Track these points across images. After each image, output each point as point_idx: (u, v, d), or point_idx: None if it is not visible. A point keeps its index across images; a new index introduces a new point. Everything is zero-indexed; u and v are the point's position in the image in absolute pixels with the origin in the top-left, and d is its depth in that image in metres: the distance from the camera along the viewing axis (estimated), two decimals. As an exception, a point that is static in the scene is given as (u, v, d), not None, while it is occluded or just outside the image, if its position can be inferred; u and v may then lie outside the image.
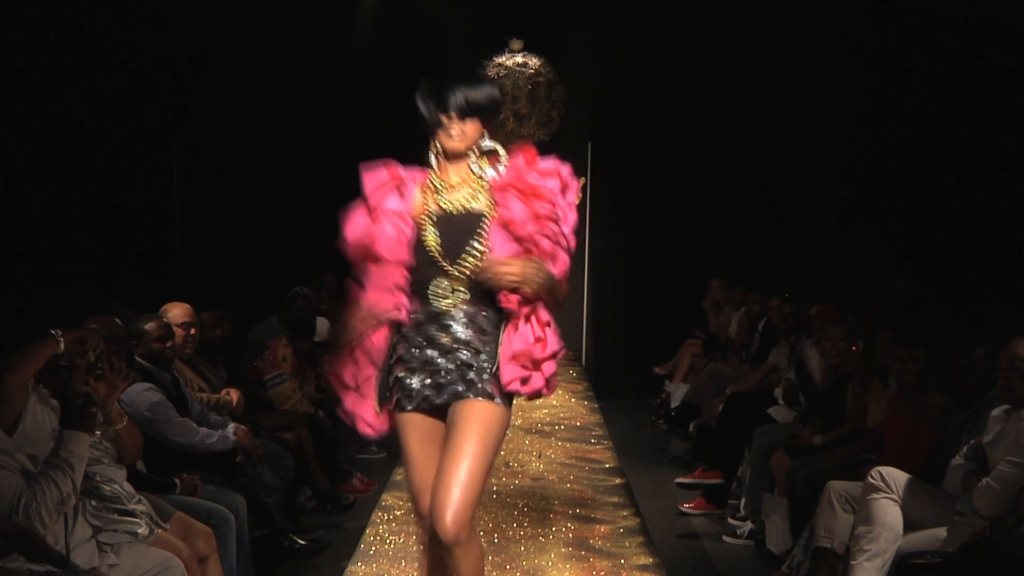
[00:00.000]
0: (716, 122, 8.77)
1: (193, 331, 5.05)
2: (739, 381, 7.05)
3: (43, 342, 3.32)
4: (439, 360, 2.95)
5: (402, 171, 3.07)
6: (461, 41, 9.07)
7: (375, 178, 3.05)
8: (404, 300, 2.98)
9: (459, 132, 2.97)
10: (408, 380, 2.98)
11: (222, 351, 5.74)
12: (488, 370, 2.92)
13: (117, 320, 4.17)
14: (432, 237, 2.94)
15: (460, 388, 2.93)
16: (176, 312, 4.97)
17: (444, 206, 2.98)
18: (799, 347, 6.45)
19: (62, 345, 3.34)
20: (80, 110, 6.28)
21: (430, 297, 2.95)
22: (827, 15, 7.67)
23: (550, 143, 9.24)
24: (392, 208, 3.00)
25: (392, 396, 3.01)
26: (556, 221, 2.91)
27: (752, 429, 5.79)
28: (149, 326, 4.54)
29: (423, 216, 2.98)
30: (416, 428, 3.00)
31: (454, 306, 2.94)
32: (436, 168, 3.05)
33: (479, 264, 2.89)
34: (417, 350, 2.96)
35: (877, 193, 7.22)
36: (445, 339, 2.94)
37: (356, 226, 3.02)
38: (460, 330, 2.94)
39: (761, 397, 6.47)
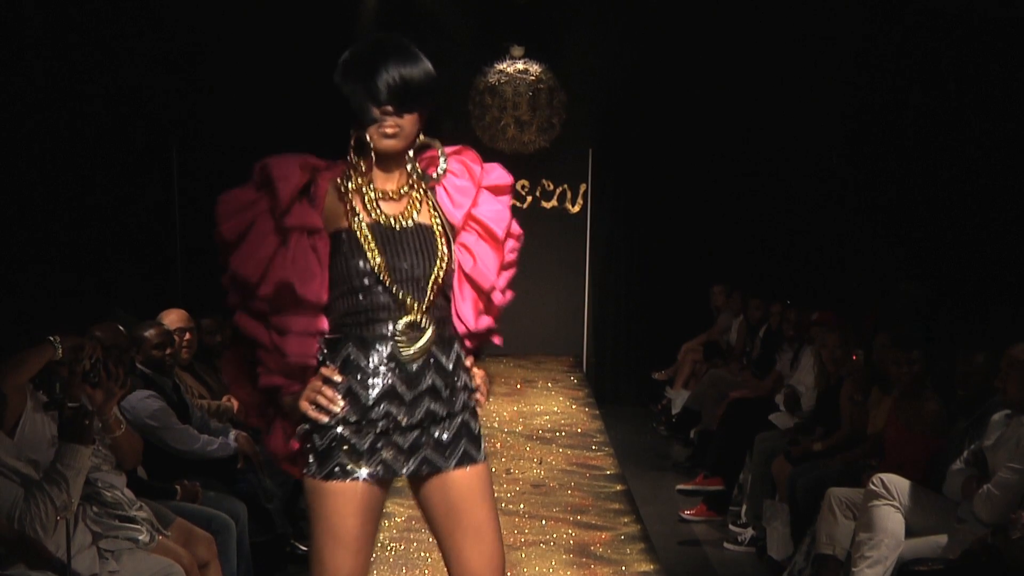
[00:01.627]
0: (717, 128, 8.77)
1: (188, 336, 5.03)
2: (746, 388, 7.01)
3: (40, 347, 3.31)
4: (399, 415, 2.33)
5: (314, 162, 2.38)
6: (462, 48, 9.09)
7: (290, 180, 2.29)
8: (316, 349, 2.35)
9: (394, 127, 2.30)
10: (356, 442, 2.31)
11: (223, 357, 5.73)
12: (456, 417, 2.39)
13: (120, 327, 4.17)
14: (379, 261, 2.30)
15: (431, 453, 2.36)
16: (171, 317, 4.95)
17: (382, 220, 2.34)
18: (799, 355, 6.46)
19: (60, 351, 3.34)
20: (80, 117, 6.29)
21: (397, 341, 2.31)
22: (830, 20, 7.67)
23: (551, 149, 9.25)
24: (307, 224, 2.30)
25: (318, 458, 2.32)
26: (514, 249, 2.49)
27: (753, 435, 5.79)
28: (149, 333, 4.54)
29: (353, 231, 2.31)
30: (359, 501, 2.32)
31: (426, 351, 2.34)
32: (361, 167, 2.38)
33: (436, 296, 2.35)
34: (370, 406, 2.31)
35: (880, 199, 7.23)
36: (406, 391, 2.33)
37: (259, 253, 2.28)
38: (427, 378, 2.34)
39: (762, 403, 6.46)
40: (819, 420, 5.59)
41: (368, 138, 2.32)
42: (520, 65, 9.13)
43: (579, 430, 6.51)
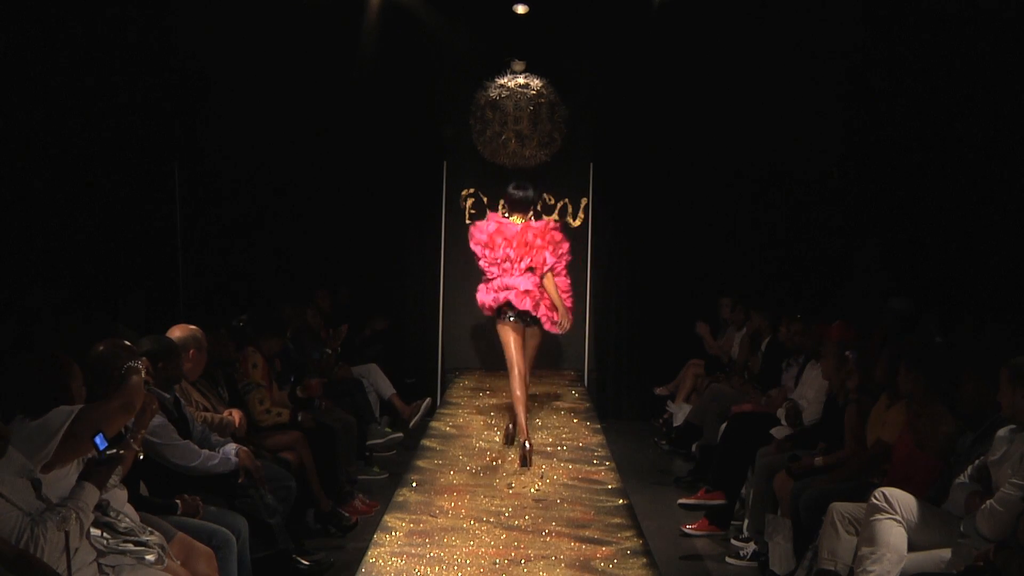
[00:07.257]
0: (718, 142, 8.79)
1: (202, 352, 5.02)
2: (748, 402, 6.99)
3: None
4: None
5: None
6: (464, 62, 9.12)
7: None
8: None
9: None
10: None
11: (224, 371, 5.72)
12: None
13: (127, 342, 4.17)
14: None
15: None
16: (187, 334, 4.93)
17: None
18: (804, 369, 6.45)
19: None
20: (84, 138, 6.32)
21: None
22: (828, 38, 7.70)
23: (552, 163, 9.26)
24: None
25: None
26: None
27: (755, 450, 5.78)
28: (163, 347, 4.55)
29: None
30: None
31: None
32: None
33: None
34: None
35: (874, 216, 7.24)
36: None
37: None
38: None
39: (764, 417, 6.45)
40: (822, 435, 5.58)
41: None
42: (521, 79, 9.14)
43: (580, 444, 6.50)
